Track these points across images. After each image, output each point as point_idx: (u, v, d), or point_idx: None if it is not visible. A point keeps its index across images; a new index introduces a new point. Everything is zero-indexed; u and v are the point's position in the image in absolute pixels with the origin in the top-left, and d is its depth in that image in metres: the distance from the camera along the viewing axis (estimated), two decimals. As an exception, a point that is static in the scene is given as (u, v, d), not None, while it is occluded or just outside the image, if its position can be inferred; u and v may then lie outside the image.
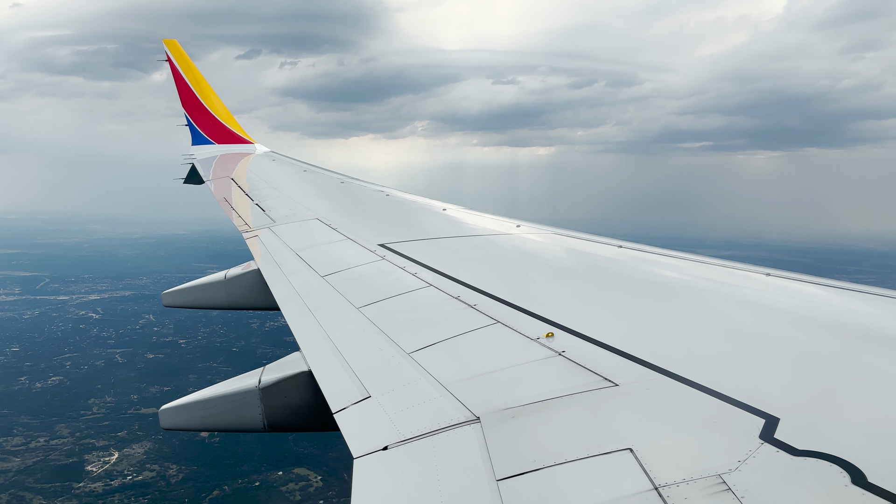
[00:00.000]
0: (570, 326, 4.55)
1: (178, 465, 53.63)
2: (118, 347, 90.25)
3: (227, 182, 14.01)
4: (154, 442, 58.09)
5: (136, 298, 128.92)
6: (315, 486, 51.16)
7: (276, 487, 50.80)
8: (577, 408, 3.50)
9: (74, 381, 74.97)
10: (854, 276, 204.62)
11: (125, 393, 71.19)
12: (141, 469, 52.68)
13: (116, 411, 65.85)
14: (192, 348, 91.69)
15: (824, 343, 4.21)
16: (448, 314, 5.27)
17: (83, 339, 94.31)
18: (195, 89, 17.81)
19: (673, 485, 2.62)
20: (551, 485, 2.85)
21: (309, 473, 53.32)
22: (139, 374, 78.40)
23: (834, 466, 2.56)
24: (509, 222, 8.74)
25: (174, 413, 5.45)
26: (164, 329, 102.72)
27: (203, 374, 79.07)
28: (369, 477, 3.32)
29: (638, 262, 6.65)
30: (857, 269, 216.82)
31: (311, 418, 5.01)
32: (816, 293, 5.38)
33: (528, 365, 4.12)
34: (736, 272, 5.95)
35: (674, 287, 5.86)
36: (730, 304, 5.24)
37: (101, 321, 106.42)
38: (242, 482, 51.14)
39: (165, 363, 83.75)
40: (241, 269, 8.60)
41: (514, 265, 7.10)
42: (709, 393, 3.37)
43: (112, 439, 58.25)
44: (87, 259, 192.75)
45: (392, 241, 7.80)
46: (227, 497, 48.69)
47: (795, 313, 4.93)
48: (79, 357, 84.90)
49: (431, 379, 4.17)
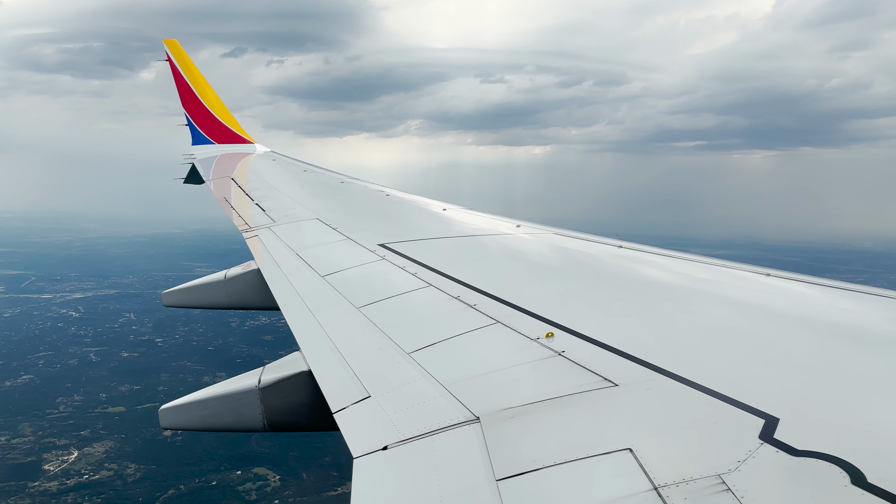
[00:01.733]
0: (569, 326, 4.58)
1: (136, 465, 53.41)
2: (94, 346, 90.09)
3: (228, 182, 13.98)
4: (116, 441, 57.94)
5: (120, 297, 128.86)
6: (272, 486, 51.00)
7: (233, 487, 50.60)
8: (576, 408, 3.51)
9: (45, 379, 74.81)
10: (846, 275, 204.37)
11: (94, 392, 71.04)
12: (99, 468, 52.48)
13: (83, 410, 65.69)
14: (168, 347, 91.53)
15: (824, 343, 4.20)
16: (448, 314, 5.30)
17: (60, 338, 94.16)
18: (195, 89, 17.74)
19: (672, 485, 2.63)
20: (551, 485, 2.86)
21: (268, 473, 53.15)
22: (111, 373, 78.24)
23: (833, 467, 2.56)
24: (509, 222, 8.77)
25: (174, 413, 5.48)
26: (142, 328, 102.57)
27: (175, 374, 79.05)
28: (369, 477, 3.34)
29: (638, 263, 6.63)
30: (849, 269, 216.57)
31: (311, 418, 5.02)
32: (816, 294, 5.36)
33: (527, 365, 4.14)
34: (735, 272, 5.94)
35: (674, 287, 5.86)
36: (729, 304, 5.22)
37: (80, 320, 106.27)
38: (199, 481, 50.97)
39: (139, 362, 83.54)
40: (241, 268, 8.60)
41: (514, 265, 7.10)
42: (708, 393, 3.38)
43: (74, 438, 58.05)
44: (77, 257, 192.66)
45: (392, 241, 7.82)
46: (181, 496, 48.48)
47: (795, 314, 4.93)
48: (53, 356, 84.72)
49: (431, 379, 4.20)
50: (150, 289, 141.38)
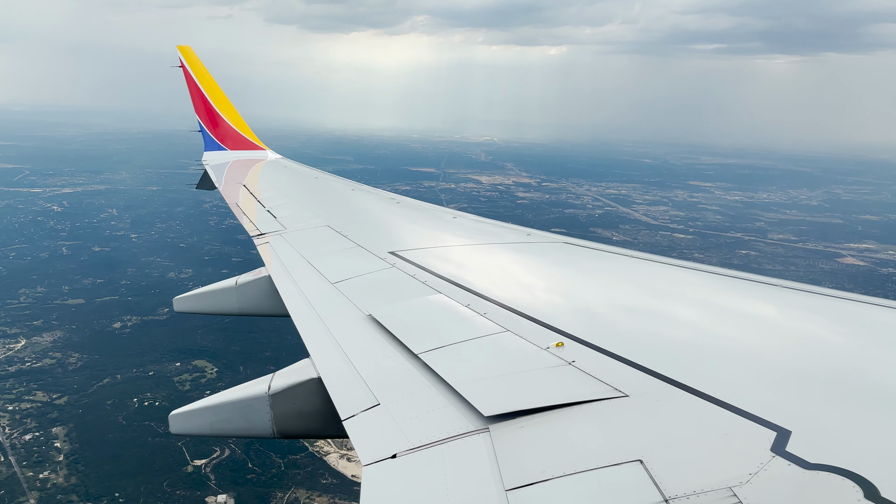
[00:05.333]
0: (580, 336, 4.60)
1: (80, 354, 55.33)
2: (68, 240, 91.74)
3: (239, 188, 14.27)
4: (66, 331, 59.83)
5: (107, 193, 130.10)
6: (208, 378, 52.71)
7: (170, 377, 52.38)
8: (586, 418, 3.51)
9: (12, 271, 76.73)
10: (852, 186, 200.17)
11: (58, 284, 72.84)
12: (42, 356, 54.44)
13: (42, 301, 67.57)
14: (141, 243, 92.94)
15: (837, 356, 4.20)
16: (458, 322, 5.33)
17: (37, 231, 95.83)
18: (208, 95, 17.94)
19: (683, 497, 2.64)
20: (560, 496, 2.87)
21: (207, 365, 54.87)
22: (79, 266, 79.97)
23: (846, 481, 2.56)
24: (519, 230, 8.90)
25: (184, 419, 5.48)
26: (120, 223, 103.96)
27: (142, 269, 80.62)
28: (378, 485, 3.36)
29: (649, 274, 6.65)
30: (857, 181, 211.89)
31: (321, 425, 5.10)
32: (829, 306, 5.33)
33: (537, 374, 4.15)
34: (748, 284, 5.94)
35: (686, 298, 5.88)
36: (742, 316, 5.23)
37: (60, 214, 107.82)
38: (137, 371, 52.79)
39: (109, 256, 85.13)
40: (251, 275, 8.69)
41: (524, 274, 7.16)
42: (720, 405, 3.38)
43: (25, 328, 60.01)
44: (75, 152, 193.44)
45: (402, 248, 7.93)
46: (115, 384, 50.35)
47: (809, 326, 4.95)
48: (26, 248, 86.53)
49: (441, 387, 4.22)
50: (141, 185, 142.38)
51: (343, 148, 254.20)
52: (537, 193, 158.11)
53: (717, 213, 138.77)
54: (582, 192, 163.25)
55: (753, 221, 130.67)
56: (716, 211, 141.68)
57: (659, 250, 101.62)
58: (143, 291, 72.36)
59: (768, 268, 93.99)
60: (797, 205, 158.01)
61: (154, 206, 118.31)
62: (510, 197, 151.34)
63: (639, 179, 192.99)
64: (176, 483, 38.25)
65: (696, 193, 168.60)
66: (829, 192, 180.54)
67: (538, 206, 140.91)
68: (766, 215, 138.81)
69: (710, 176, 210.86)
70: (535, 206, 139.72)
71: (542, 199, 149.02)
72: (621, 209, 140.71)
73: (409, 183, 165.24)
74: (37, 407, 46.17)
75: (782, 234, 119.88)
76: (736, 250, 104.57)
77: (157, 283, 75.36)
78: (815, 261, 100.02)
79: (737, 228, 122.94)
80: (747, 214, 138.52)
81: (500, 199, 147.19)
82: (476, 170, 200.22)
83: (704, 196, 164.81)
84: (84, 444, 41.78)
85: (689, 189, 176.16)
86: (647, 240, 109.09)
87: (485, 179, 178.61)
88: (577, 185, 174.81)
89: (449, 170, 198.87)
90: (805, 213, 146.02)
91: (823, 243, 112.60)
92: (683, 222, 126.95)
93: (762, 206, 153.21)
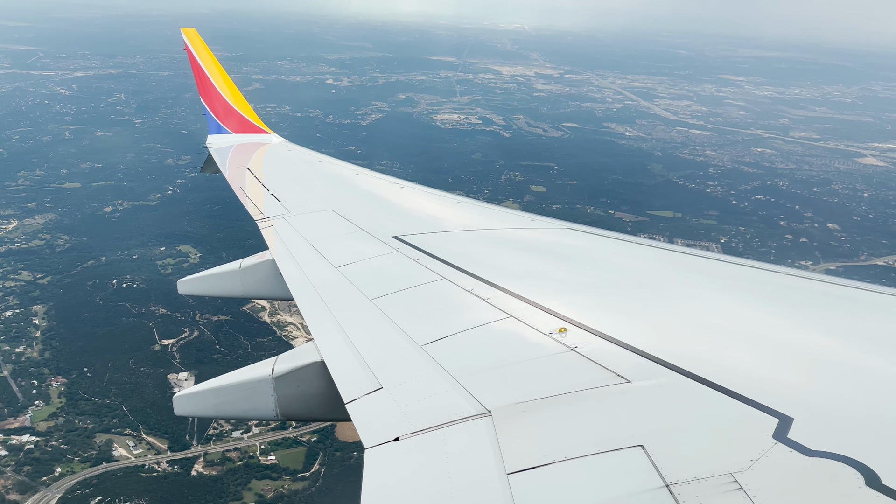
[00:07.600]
0: (583, 322, 4.64)
1: (69, 236, 56.82)
2: (72, 124, 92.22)
3: (244, 172, 14.31)
4: (58, 214, 61.20)
5: (118, 77, 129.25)
6: (191, 263, 53.91)
7: (153, 261, 53.73)
8: (588, 404, 3.55)
9: (13, 153, 77.93)
10: (888, 82, 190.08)
11: (56, 168, 73.96)
12: (32, 238, 56.06)
13: (39, 184, 68.87)
14: (144, 128, 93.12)
15: (840, 344, 4.24)
16: (461, 307, 5.38)
17: (42, 115, 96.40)
18: (213, 79, 18.04)
19: (684, 482, 2.67)
20: (561, 480, 2.91)
21: (191, 251, 56.06)
22: (79, 151, 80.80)
23: (847, 467, 2.60)
24: (524, 216, 8.94)
25: (188, 400, 5.58)
26: (125, 108, 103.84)
27: (140, 154, 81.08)
28: (380, 467, 3.43)
29: (653, 260, 6.61)
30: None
31: (324, 408, 5.16)
32: (834, 294, 5.32)
33: (540, 360, 4.20)
34: (751, 270, 5.93)
35: (688, 285, 5.87)
36: (745, 303, 5.21)
37: (68, 97, 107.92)
38: (122, 254, 54.18)
39: (111, 141, 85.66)
40: (255, 258, 8.70)
41: (527, 260, 7.17)
42: (722, 391, 3.41)
43: (19, 209, 61.54)
44: (91, 35, 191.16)
45: (406, 233, 7.98)
46: (99, 266, 51.88)
47: (812, 314, 4.96)
48: (29, 132, 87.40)
49: (443, 371, 4.28)
50: (153, 70, 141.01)
51: (364, 34, 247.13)
52: (557, 86, 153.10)
53: (742, 109, 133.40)
54: (605, 85, 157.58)
55: (778, 118, 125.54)
56: (741, 107, 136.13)
57: (670, 147, 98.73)
58: (139, 177, 73.15)
59: (780, 167, 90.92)
60: (828, 101, 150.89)
61: (162, 92, 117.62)
62: (528, 89, 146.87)
63: (668, 72, 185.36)
64: (142, 360, 39.95)
65: (724, 88, 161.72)
66: (866, 89, 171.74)
67: (555, 98, 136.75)
68: (792, 112, 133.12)
69: (744, 69, 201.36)
70: (552, 99, 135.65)
71: (561, 92, 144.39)
72: (642, 103, 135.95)
73: (425, 73, 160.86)
74: (20, 286, 47.97)
75: (805, 132, 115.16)
76: (751, 148, 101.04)
77: (154, 169, 76.02)
78: (832, 160, 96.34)
79: (758, 125, 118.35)
80: (773, 111, 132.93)
81: (517, 92, 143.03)
82: (498, 60, 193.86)
83: (733, 91, 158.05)
84: (61, 321, 43.58)
85: (718, 83, 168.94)
86: (661, 136, 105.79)
87: (505, 70, 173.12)
88: (602, 78, 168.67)
89: (470, 59, 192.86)
90: (835, 110, 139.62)
91: (846, 142, 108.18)
92: (704, 118, 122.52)
93: (791, 102, 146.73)
